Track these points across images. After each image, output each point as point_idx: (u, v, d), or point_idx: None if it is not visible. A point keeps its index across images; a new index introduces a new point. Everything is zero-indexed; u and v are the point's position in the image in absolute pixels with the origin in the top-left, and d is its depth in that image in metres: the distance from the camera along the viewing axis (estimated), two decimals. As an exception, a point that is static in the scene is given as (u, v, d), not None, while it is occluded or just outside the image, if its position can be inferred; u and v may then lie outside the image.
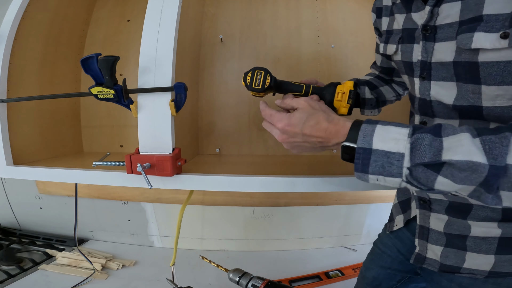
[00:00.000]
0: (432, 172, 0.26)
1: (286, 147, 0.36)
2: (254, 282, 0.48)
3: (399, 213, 0.45)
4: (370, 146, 0.28)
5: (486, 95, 0.28)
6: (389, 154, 0.27)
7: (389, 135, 0.27)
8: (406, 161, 0.26)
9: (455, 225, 0.34)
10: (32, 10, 0.57)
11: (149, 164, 0.45)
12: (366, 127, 0.29)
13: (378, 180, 0.28)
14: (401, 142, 0.27)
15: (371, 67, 0.56)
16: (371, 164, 0.28)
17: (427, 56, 0.32)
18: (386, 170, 0.27)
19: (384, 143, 0.27)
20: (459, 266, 0.34)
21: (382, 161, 0.27)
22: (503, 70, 0.26)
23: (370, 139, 0.28)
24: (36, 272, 0.74)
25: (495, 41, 0.26)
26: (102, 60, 0.42)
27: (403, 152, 0.26)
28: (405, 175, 0.26)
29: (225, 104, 0.72)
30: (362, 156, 0.28)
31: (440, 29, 0.31)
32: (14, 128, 0.55)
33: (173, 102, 0.45)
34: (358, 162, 0.29)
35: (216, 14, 0.73)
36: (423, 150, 0.26)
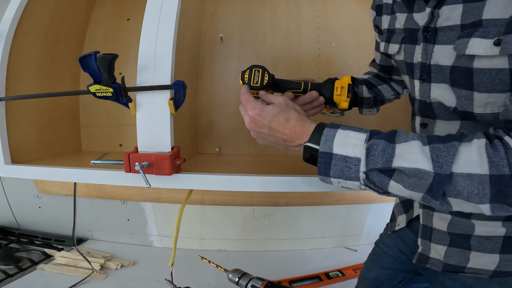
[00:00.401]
0: (385, 177, 0.27)
1: (252, 135, 0.37)
2: (253, 282, 0.48)
3: (401, 212, 0.45)
4: (331, 150, 0.29)
5: (477, 102, 0.28)
6: (347, 158, 0.28)
7: (348, 140, 0.29)
8: (362, 165, 0.28)
9: (458, 224, 0.34)
10: (32, 8, 0.57)
11: (148, 163, 0.44)
12: (328, 131, 0.30)
13: (340, 183, 0.30)
14: (358, 147, 0.28)
15: (370, 65, 0.56)
16: (332, 168, 0.29)
17: (427, 58, 0.32)
18: (345, 174, 0.29)
19: (343, 148, 0.29)
20: (463, 266, 0.34)
21: (341, 166, 0.29)
22: (495, 78, 0.26)
23: (331, 144, 0.29)
24: (34, 272, 0.73)
25: (488, 48, 0.26)
26: (101, 58, 0.41)
27: (359, 157, 0.28)
28: (362, 178, 0.28)
29: (224, 103, 0.72)
30: (323, 160, 0.29)
31: (440, 31, 0.30)
32: (12, 127, 0.55)
33: (172, 100, 0.44)
34: (320, 166, 0.30)
35: (215, 13, 0.73)
36: (377, 156, 0.27)
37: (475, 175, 0.23)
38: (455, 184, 0.24)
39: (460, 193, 0.24)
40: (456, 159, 0.24)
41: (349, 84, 0.42)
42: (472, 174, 0.23)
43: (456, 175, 0.24)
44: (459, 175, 0.24)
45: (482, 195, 0.23)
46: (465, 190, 0.24)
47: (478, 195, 0.24)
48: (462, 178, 0.24)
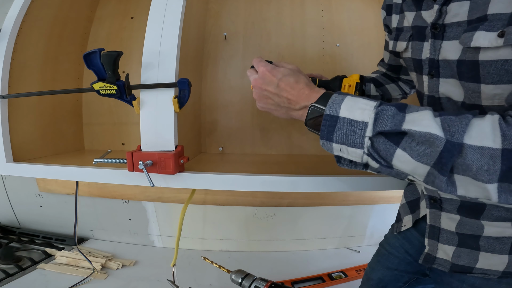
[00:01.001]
0: (392, 144, 0.26)
1: (254, 95, 0.37)
2: (257, 283, 0.47)
3: (407, 213, 0.44)
4: (337, 113, 0.28)
5: (484, 94, 0.28)
6: (354, 122, 0.27)
7: (357, 105, 0.28)
8: (369, 130, 0.26)
9: (467, 225, 0.34)
10: (36, 6, 0.57)
11: (151, 162, 0.44)
12: (336, 96, 0.29)
13: (341, 151, 0.29)
14: (367, 112, 0.27)
15: (378, 64, 0.56)
16: (336, 132, 0.28)
17: (435, 54, 0.32)
18: (349, 139, 0.27)
19: (350, 111, 0.28)
20: (472, 266, 0.33)
21: (346, 129, 0.27)
22: (500, 69, 0.26)
23: (338, 107, 0.28)
24: (34, 271, 0.73)
25: (493, 40, 0.26)
26: (105, 55, 0.41)
27: (367, 121, 0.27)
28: (367, 146, 0.27)
29: (228, 102, 0.72)
30: (328, 123, 0.28)
31: (448, 27, 0.31)
32: (14, 125, 0.55)
33: (177, 98, 0.44)
34: (323, 129, 0.29)
35: (220, 12, 0.73)
36: (386, 120, 0.26)
37: (487, 149, 0.22)
38: (464, 156, 0.23)
39: (469, 168, 0.23)
40: (469, 129, 0.23)
41: (357, 82, 0.43)
42: (484, 147, 0.22)
43: (467, 146, 0.23)
44: (470, 146, 0.23)
45: (492, 172, 0.22)
46: (475, 165, 0.22)
47: (487, 171, 0.22)
48: (472, 150, 0.23)
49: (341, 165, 0.32)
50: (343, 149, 0.28)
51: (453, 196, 0.34)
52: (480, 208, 0.32)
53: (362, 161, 0.28)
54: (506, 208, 0.31)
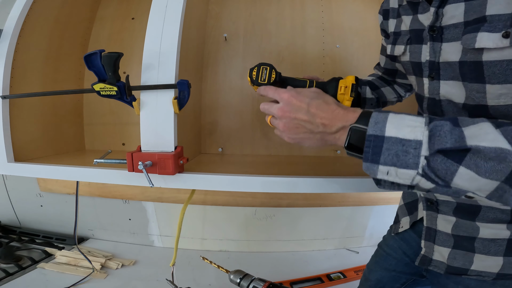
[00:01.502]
0: (453, 162, 0.23)
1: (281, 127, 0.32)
2: (255, 284, 0.47)
3: (405, 214, 0.44)
4: (383, 133, 0.25)
5: (490, 94, 0.28)
6: (405, 141, 0.24)
7: (404, 122, 0.25)
8: (424, 149, 0.24)
9: (463, 226, 0.34)
10: (38, 7, 0.57)
11: (151, 162, 0.44)
12: (377, 114, 0.27)
13: (388, 174, 0.26)
14: (418, 129, 0.24)
15: (375, 68, 0.57)
16: (383, 153, 0.25)
17: (435, 56, 0.32)
18: (401, 160, 0.24)
19: (398, 130, 0.25)
20: (467, 268, 0.33)
21: (396, 150, 0.25)
22: (506, 69, 0.26)
23: (383, 126, 0.25)
24: (34, 270, 0.73)
25: (498, 41, 0.26)
26: (106, 56, 0.41)
27: (421, 140, 0.24)
28: (422, 166, 0.24)
29: (228, 103, 0.72)
30: (373, 144, 0.25)
31: (446, 29, 0.31)
32: (16, 125, 0.55)
33: (176, 99, 0.44)
34: (368, 151, 0.26)
35: (220, 13, 0.73)
36: (444, 136, 0.24)
37: None
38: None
39: None
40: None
41: (352, 84, 0.43)
42: None
43: None
44: None
45: None
46: None
47: None
48: None
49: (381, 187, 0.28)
50: (391, 171, 0.25)
51: (450, 198, 0.35)
52: (475, 210, 0.32)
53: (412, 183, 0.25)
54: (501, 210, 0.31)
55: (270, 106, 0.34)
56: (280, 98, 0.33)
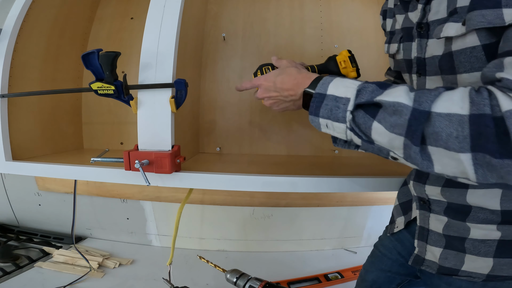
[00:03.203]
0: (369, 117, 0.27)
1: (267, 104, 0.41)
2: (251, 283, 0.47)
3: (399, 214, 0.44)
4: (325, 91, 0.31)
5: (461, 84, 0.29)
6: (338, 98, 0.30)
7: (343, 83, 0.30)
8: (351, 104, 0.28)
9: (454, 227, 0.34)
10: (37, 6, 0.58)
11: (148, 161, 0.44)
12: (326, 78, 0.32)
13: (327, 127, 0.31)
14: (350, 89, 0.29)
15: (386, 74, 0.56)
16: (322, 107, 0.30)
17: (422, 53, 0.33)
18: (333, 114, 0.30)
19: (336, 89, 0.30)
20: (458, 269, 0.33)
21: (331, 105, 0.30)
22: (470, 56, 0.27)
23: (327, 86, 0.31)
24: (32, 269, 0.73)
25: (458, 29, 0.27)
26: (103, 56, 0.42)
27: (350, 97, 0.29)
28: (349, 120, 0.29)
29: (226, 102, 0.72)
30: (317, 99, 0.31)
31: (431, 25, 0.32)
32: (14, 124, 0.55)
33: (174, 98, 0.45)
34: (312, 105, 0.31)
35: (219, 12, 0.73)
36: (364, 94, 0.28)
37: (454, 115, 0.22)
38: (433, 124, 0.23)
39: (438, 136, 0.23)
40: (437, 99, 0.24)
41: (349, 56, 0.47)
42: (452, 114, 0.22)
43: (434, 114, 0.23)
44: (437, 114, 0.23)
45: (462, 138, 0.22)
46: (444, 132, 0.23)
47: (457, 139, 0.22)
48: (440, 117, 0.23)
49: (336, 145, 0.34)
50: (328, 124, 0.30)
51: (441, 198, 0.35)
52: (466, 210, 0.32)
53: (347, 137, 0.30)
54: (491, 210, 0.31)
55: (256, 92, 0.43)
56: (256, 85, 0.42)
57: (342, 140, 0.34)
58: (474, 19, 0.25)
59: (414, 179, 0.38)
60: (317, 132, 0.73)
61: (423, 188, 0.36)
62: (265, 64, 0.48)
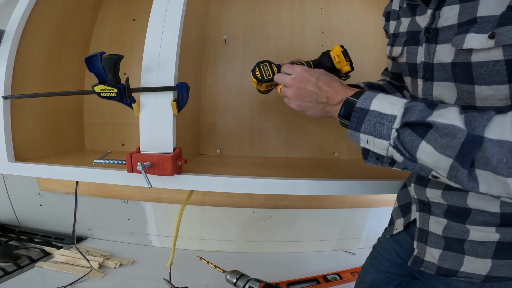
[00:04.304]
0: (417, 136, 0.27)
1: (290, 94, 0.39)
2: (251, 284, 0.48)
3: (399, 216, 0.45)
4: (368, 107, 0.30)
5: (478, 95, 0.29)
6: (383, 115, 0.29)
7: (388, 100, 0.30)
8: (397, 122, 0.28)
9: (453, 229, 0.34)
10: (40, 8, 0.58)
11: (150, 163, 0.45)
12: (369, 92, 0.32)
13: (368, 142, 0.30)
14: (397, 106, 0.29)
15: (382, 74, 0.57)
16: (365, 123, 0.30)
17: (430, 58, 0.33)
18: (377, 130, 0.29)
19: (381, 105, 0.30)
20: (456, 270, 0.34)
21: (374, 121, 0.30)
22: (492, 70, 0.27)
23: (370, 101, 0.31)
24: (32, 269, 0.73)
25: (484, 42, 0.27)
26: (106, 59, 0.42)
27: (396, 115, 0.28)
28: (393, 137, 0.28)
29: (227, 105, 0.73)
30: (358, 114, 0.31)
31: (441, 31, 0.32)
32: (17, 125, 0.56)
33: (175, 101, 0.45)
34: (353, 120, 0.31)
35: (220, 15, 0.74)
36: (413, 113, 0.28)
37: (506, 142, 0.23)
38: (484, 149, 0.24)
39: (488, 161, 0.24)
40: (489, 124, 0.24)
41: (341, 51, 0.48)
42: (503, 141, 0.23)
43: (487, 140, 0.24)
44: (490, 140, 0.24)
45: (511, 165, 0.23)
46: (494, 158, 0.23)
47: (506, 165, 0.23)
48: (492, 144, 0.23)
49: (367, 161, 0.34)
50: (370, 140, 0.30)
51: (441, 200, 0.35)
52: (466, 212, 0.33)
53: (387, 154, 0.29)
54: (491, 213, 0.31)
55: (284, 76, 0.41)
56: (294, 71, 0.40)
57: (375, 157, 0.33)
58: (505, 34, 0.25)
59: (415, 182, 0.39)
60: (317, 134, 0.73)
61: (424, 191, 0.37)
62: (262, 62, 0.48)
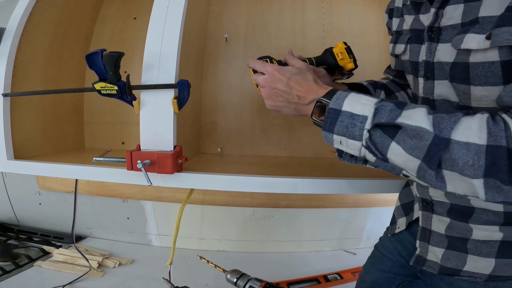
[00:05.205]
0: (387, 137, 0.27)
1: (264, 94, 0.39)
2: (251, 283, 0.48)
3: (401, 215, 0.45)
4: (340, 107, 0.30)
5: (473, 96, 0.29)
6: (355, 116, 0.29)
7: (359, 101, 0.30)
8: (368, 123, 0.28)
9: (457, 228, 0.34)
10: (41, 6, 0.58)
11: (150, 161, 0.44)
12: (341, 92, 0.31)
13: (341, 144, 0.30)
14: (367, 107, 0.29)
15: (385, 72, 0.56)
16: (337, 124, 0.30)
17: (431, 56, 0.33)
18: (349, 131, 0.29)
19: (352, 106, 0.30)
20: (459, 269, 0.34)
21: (347, 122, 0.29)
22: (487, 71, 0.27)
23: (342, 102, 0.30)
24: (31, 268, 0.73)
25: (481, 42, 0.27)
26: (107, 56, 0.42)
27: (367, 115, 0.28)
28: (365, 138, 0.28)
29: (228, 103, 0.72)
30: (331, 115, 0.30)
31: (444, 30, 0.31)
32: (16, 123, 0.56)
33: (176, 99, 0.45)
34: (326, 121, 0.31)
35: (221, 14, 0.74)
36: (383, 114, 0.28)
37: (472, 145, 0.23)
38: (451, 151, 0.24)
39: (455, 162, 0.24)
40: (456, 127, 0.24)
41: (345, 48, 0.47)
42: (470, 143, 0.23)
43: (453, 142, 0.24)
44: (456, 142, 0.24)
45: (477, 167, 0.23)
46: (461, 160, 0.24)
47: (472, 167, 0.23)
48: (459, 146, 0.24)
49: (342, 159, 0.34)
50: (343, 141, 0.30)
51: (444, 199, 0.35)
52: (469, 211, 0.33)
53: (360, 154, 0.29)
54: (494, 212, 0.31)
55: (258, 76, 0.40)
56: (266, 70, 0.38)
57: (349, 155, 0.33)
58: (501, 36, 0.25)
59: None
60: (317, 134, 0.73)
61: (427, 190, 0.37)
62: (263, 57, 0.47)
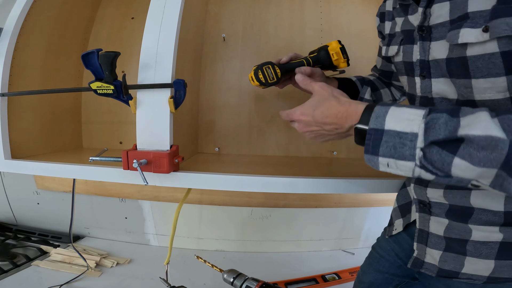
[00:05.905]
0: (448, 153, 0.24)
1: (308, 138, 0.38)
2: (248, 283, 0.47)
3: (398, 217, 0.45)
4: (382, 127, 0.27)
5: (476, 89, 0.29)
6: (402, 134, 0.26)
7: (403, 116, 0.26)
8: (420, 141, 0.25)
9: (455, 229, 0.34)
10: (38, 6, 0.58)
11: (146, 161, 0.44)
12: (379, 108, 0.28)
13: (389, 166, 0.27)
14: (415, 122, 0.25)
15: (372, 70, 0.58)
16: (382, 145, 0.27)
17: (425, 55, 0.33)
18: (398, 152, 0.26)
19: (397, 123, 0.26)
20: (458, 271, 0.33)
21: (393, 142, 0.26)
22: (488, 62, 0.27)
23: (383, 120, 0.27)
24: (29, 268, 0.73)
25: (479, 35, 0.27)
26: (103, 56, 0.42)
27: (417, 132, 0.25)
28: (419, 157, 0.25)
29: (225, 103, 0.72)
30: (373, 137, 0.27)
31: (434, 28, 0.32)
32: (14, 122, 0.56)
33: (172, 99, 0.45)
34: (368, 143, 0.28)
35: (219, 13, 0.74)
36: (438, 128, 0.24)
37: None
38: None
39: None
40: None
41: (340, 48, 0.48)
42: None
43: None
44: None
45: None
46: None
47: None
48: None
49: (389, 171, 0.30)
50: (390, 163, 0.27)
51: (443, 200, 0.35)
52: (468, 212, 0.32)
53: (413, 175, 0.26)
54: (494, 212, 0.31)
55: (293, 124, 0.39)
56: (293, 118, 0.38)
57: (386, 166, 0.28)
58: (498, 27, 0.25)
59: (416, 182, 0.38)
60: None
61: (425, 191, 0.36)
62: (264, 64, 0.47)
